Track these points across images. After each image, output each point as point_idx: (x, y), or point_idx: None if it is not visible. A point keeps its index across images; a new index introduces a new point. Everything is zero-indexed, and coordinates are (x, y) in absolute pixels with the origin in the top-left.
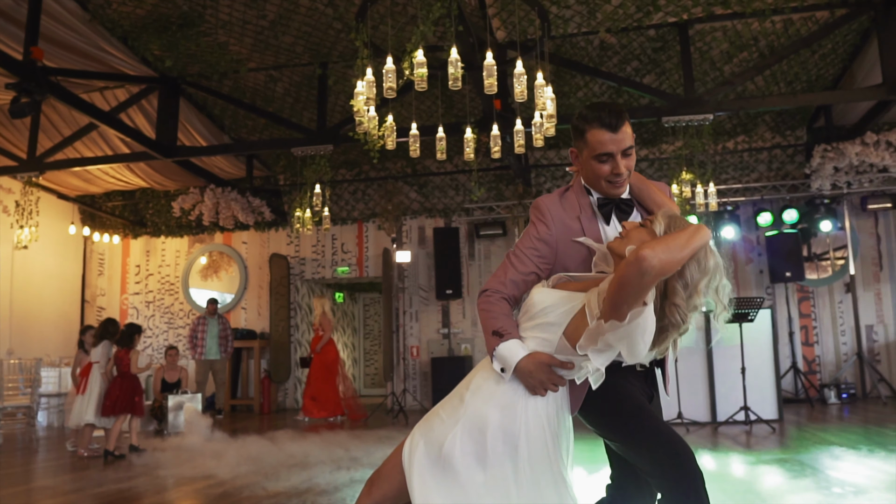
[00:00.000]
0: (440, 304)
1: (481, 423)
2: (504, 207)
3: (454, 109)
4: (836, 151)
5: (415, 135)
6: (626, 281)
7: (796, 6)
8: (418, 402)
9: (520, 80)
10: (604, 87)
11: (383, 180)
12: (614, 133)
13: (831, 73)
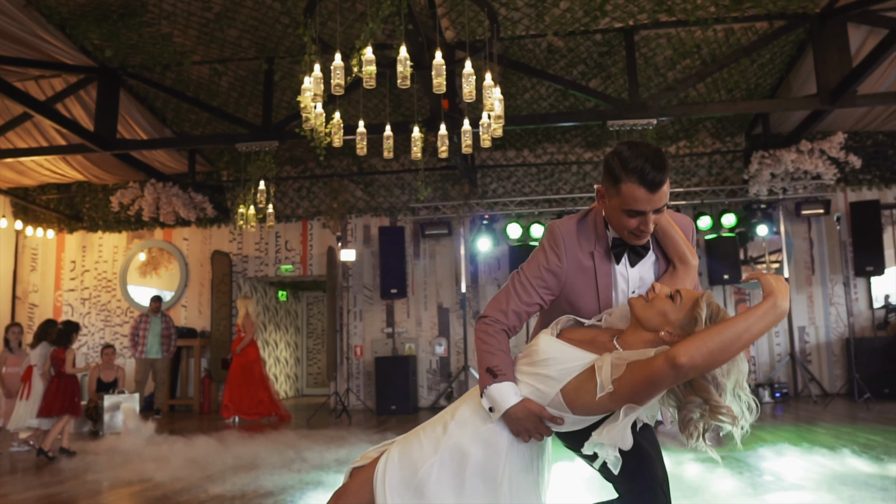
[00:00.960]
0: (385, 303)
1: (462, 456)
2: (450, 207)
3: (401, 108)
4: (773, 158)
5: (362, 132)
6: (658, 380)
7: (737, 16)
8: (361, 401)
9: (468, 80)
10: (550, 90)
11: (329, 178)
12: (653, 193)
13: (769, 82)
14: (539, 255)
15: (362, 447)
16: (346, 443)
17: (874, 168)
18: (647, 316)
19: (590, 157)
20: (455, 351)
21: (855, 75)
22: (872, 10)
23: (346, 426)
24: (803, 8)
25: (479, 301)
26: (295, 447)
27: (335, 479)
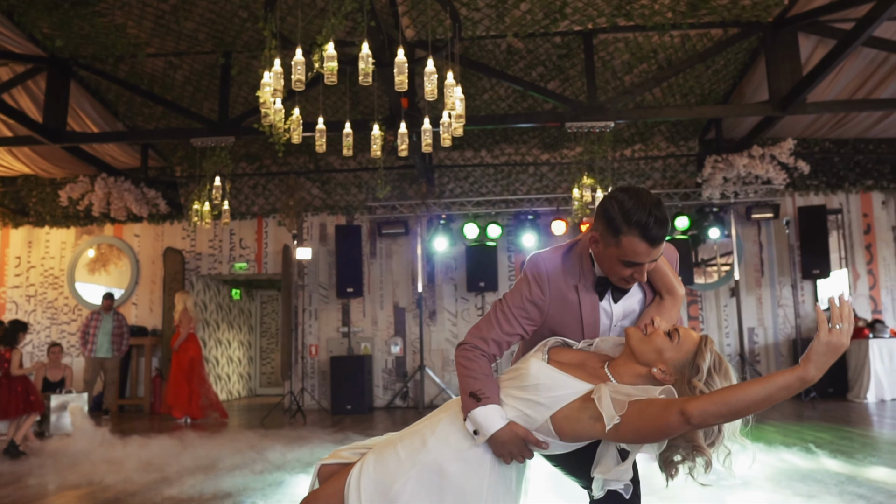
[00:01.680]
0: (340, 302)
1: (440, 474)
2: (407, 206)
3: (360, 106)
4: (726, 162)
5: (321, 129)
6: (668, 431)
7: (693, 23)
8: (316, 401)
9: (430, 78)
10: (509, 91)
11: (285, 175)
12: (653, 248)
13: (722, 88)
14: (522, 286)
15: (325, 447)
16: (308, 442)
17: (821, 174)
18: (642, 350)
19: (547, 159)
20: (411, 351)
21: (805, 83)
22: (822, 20)
23: (301, 426)
24: (756, 17)
25: (435, 301)
26: (255, 447)
27: (297, 479)
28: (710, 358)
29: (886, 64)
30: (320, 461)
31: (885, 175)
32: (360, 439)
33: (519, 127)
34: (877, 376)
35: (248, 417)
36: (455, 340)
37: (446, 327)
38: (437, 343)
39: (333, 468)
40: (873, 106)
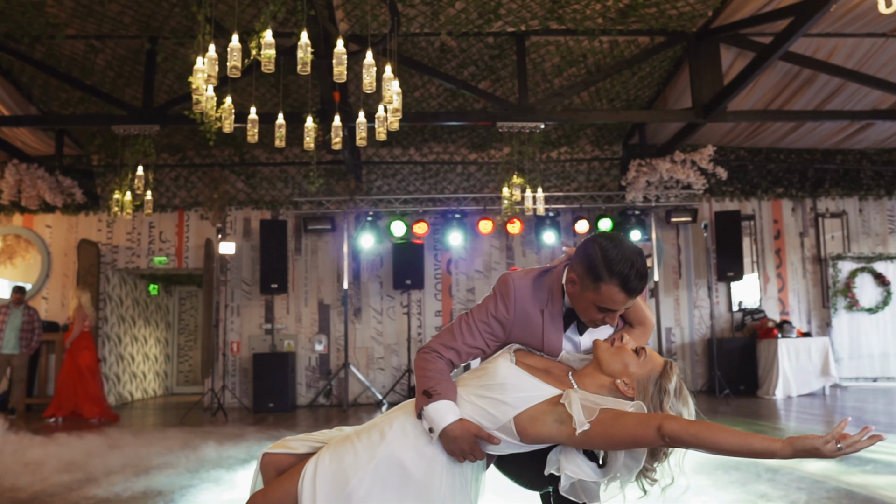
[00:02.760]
0: (264, 298)
1: (400, 469)
2: (334, 203)
3: (289, 99)
4: (649, 167)
5: (253, 119)
6: (641, 440)
7: (622, 29)
8: (237, 399)
9: (369, 71)
10: (440, 90)
11: (209, 168)
12: (631, 298)
13: (647, 94)
14: (489, 302)
15: (261, 445)
16: (243, 440)
17: (736, 181)
18: (609, 361)
19: (475, 159)
20: (335, 348)
21: (726, 92)
22: (742, 33)
23: (222, 424)
24: (682, 27)
25: (360, 298)
26: (188, 445)
27: (235, 476)
28: (675, 381)
29: (799, 78)
30: (264, 450)
31: (795, 184)
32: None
33: (448, 126)
34: (784, 374)
35: (165, 416)
36: (380, 338)
37: (371, 325)
38: (361, 341)
39: (278, 458)
40: (787, 117)
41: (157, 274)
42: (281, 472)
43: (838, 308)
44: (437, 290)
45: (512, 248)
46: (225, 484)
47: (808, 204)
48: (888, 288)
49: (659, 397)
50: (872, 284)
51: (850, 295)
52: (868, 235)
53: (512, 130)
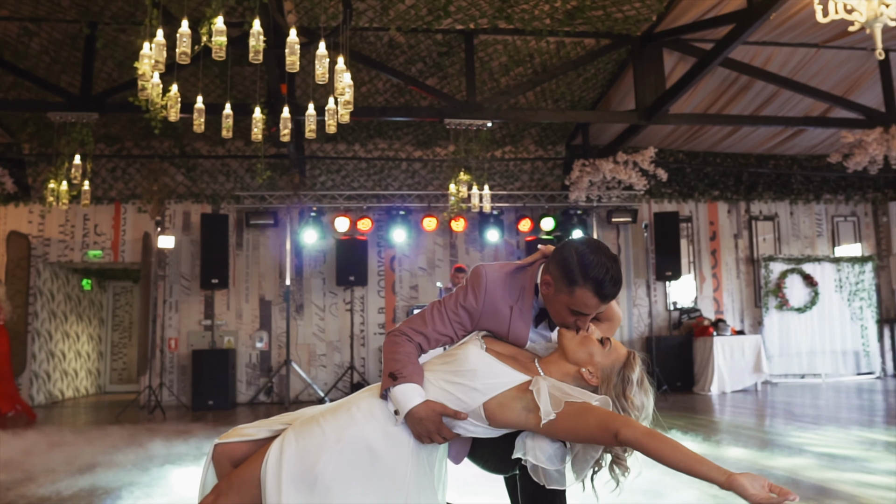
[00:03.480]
0: (203, 294)
1: (368, 451)
2: (277, 198)
3: (233, 91)
4: (593, 167)
5: (199, 109)
6: (598, 440)
7: (569, 31)
8: (175, 396)
9: (322, 62)
10: (387, 85)
11: (147, 159)
12: (604, 303)
13: (591, 96)
14: (459, 293)
15: (210, 441)
16: (192, 436)
17: (674, 183)
18: (574, 350)
19: (420, 156)
20: (277, 345)
21: (668, 95)
22: (683, 38)
23: (160, 422)
24: (627, 30)
25: (302, 295)
26: (134, 443)
27: (186, 471)
28: (638, 371)
29: (736, 84)
30: (216, 441)
31: (730, 187)
32: None
33: (394, 123)
34: (719, 371)
35: (100, 415)
36: (322, 335)
37: (313, 321)
38: (303, 337)
39: (231, 448)
40: (726, 121)
41: (91, 268)
42: (236, 463)
43: (769, 307)
44: (381, 286)
45: (456, 246)
46: (175, 480)
47: (742, 207)
48: (816, 289)
49: (622, 386)
50: (801, 285)
51: (781, 295)
52: (798, 238)
53: (459, 127)
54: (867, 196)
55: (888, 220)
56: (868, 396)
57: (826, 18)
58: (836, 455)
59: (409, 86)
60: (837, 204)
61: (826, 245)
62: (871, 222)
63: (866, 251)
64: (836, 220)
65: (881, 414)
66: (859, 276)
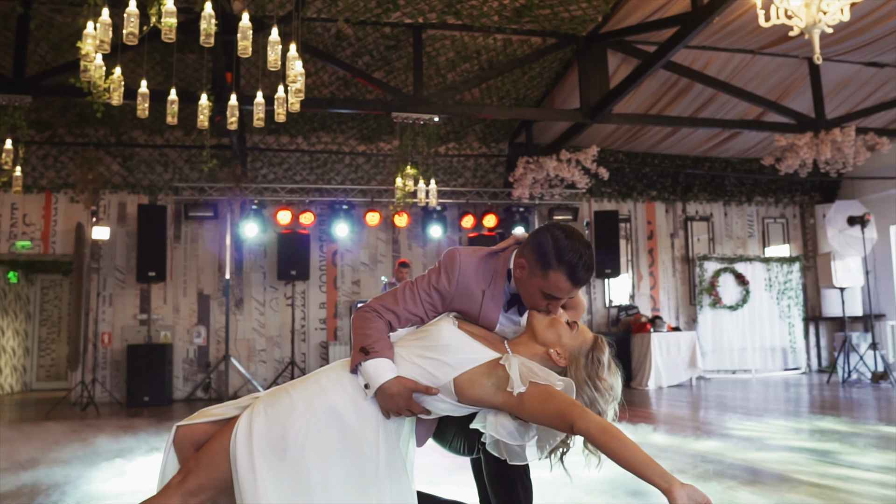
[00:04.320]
0: (139, 287)
1: (336, 417)
2: (217, 190)
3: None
4: (537, 164)
5: (144, 93)
6: (555, 426)
7: (517, 28)
8: (108, 393)
9: (274, 48)
10: (333, 77)
11: (81, 147)
12: (576, 288)
13: (536, 94)
14: (432, 274)
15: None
16: (140, 430)
17: (614, 183)
18: (543, 331)
19: (363, 150)
20: (215, 340)
21: (612, 95)
22: (627, 40)
23: (94, 418)
24: (573, 30)
25: (242, 289)
26: (78, 439)
27: (137, 464)
28: (607, 353)
29: (676, 86)
30: (178, 424)
31: (667, 188)
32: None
33: (338, 116)
34: (656, 366)
35: (28, 412)
36: (262, 330)
37: (253, 316)
38: (243, 332)
39: (194, 430)
40: (667, 122)
41: (19, 260)
42: (199, 446)
43: (703, 305)
44: (322, 281)
45: (398, 242)
46: (130, 473)
47: (678, 207)
48: (747, 287)
49: (594, 368)
50: (734, 284)
51: (714, 293)
52: (731, 238)
53: (406, 121)
54: (795, 199)
55: (814, 223)
56: (794, 390)
57: (768, 23)
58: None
59: (357, 78)
60: (768, 206)
61: (757, 245)
62: (799, 224)
63: (794, 252)
64: (766, 221)
65: (805, 405)
66: (787, 276)
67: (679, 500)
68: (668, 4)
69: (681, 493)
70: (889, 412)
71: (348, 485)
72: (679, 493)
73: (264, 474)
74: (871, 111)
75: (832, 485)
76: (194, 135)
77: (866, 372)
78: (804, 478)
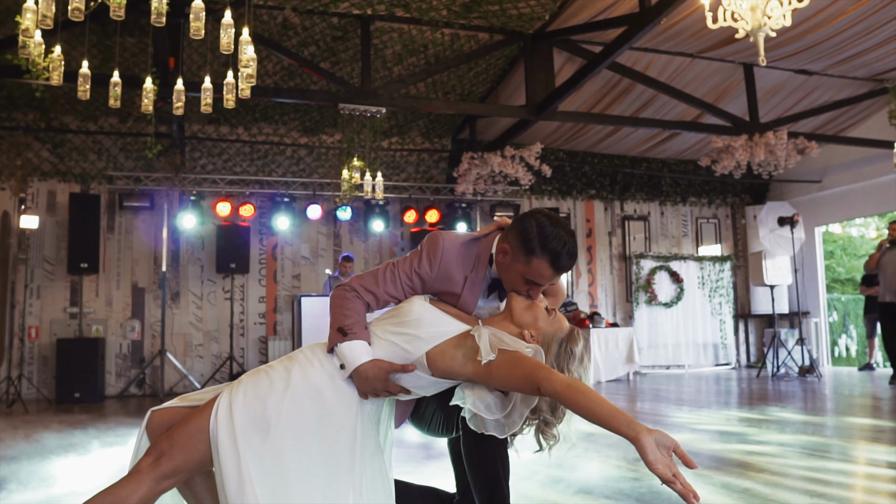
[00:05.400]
0: (70, 279)
1: (316, 394)
2: (154, 179)
3: (111, 63)
4: (481, 160)
5: (85, 74)
6: (524, 390)
7: (465, 23)
8: (36, 388)
9: (227, 31)
10: (277, 67)
11: (8, 132)
12: (557, 275)
13: (481, 90)
14: (413, 257)
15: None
16: (88, 426)
17: (554, 181)
18: (521, 312)
19: (306, 142)
20: (150, 334)
21: (559, 93)
22: (573, 39)
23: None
24: (520, 27)
25: (179, 282)
26: (20, 436)
27: (96, 458)
28: (581, 346)
29: (618, 87)
30: (153, 409)
31: (605, 186)
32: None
33: (280, 107)
34: (595, 361)
35: None
36: (199, 324)
37: (190, 310)
38: (179, 327)
39: (169, 414)
40: (610, 121)
41: None
42: None
43: (640, 302)
44: (262, 275)
45: (340, 236)
46: (92, 467)
47: (616, 206)
48: (681, 285)
49: (565, 357)
50: (668, 282)
51: (650, 291)
52: (666, 237)
53: (353, 113)
54: (727, 200)
55: (745, 223)
56: (725, 384)
57: (715, 25)
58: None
59: (304, 68)
60: (701, 207)
61: (691, 244)
62: (731, 224)
63: (725, 251)
64: (699, 221)
65: (735, 398)
66: (719, 275)
67: (647, 446)
68: (615, 5)
69: (648, 439)
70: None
71: (327, 464)
72: (647, 439)
73: (247, 455)
74: (801, 116)
75: (756, 462)
76: (130, 122)
77: (794, 366)
78: (737, 457)
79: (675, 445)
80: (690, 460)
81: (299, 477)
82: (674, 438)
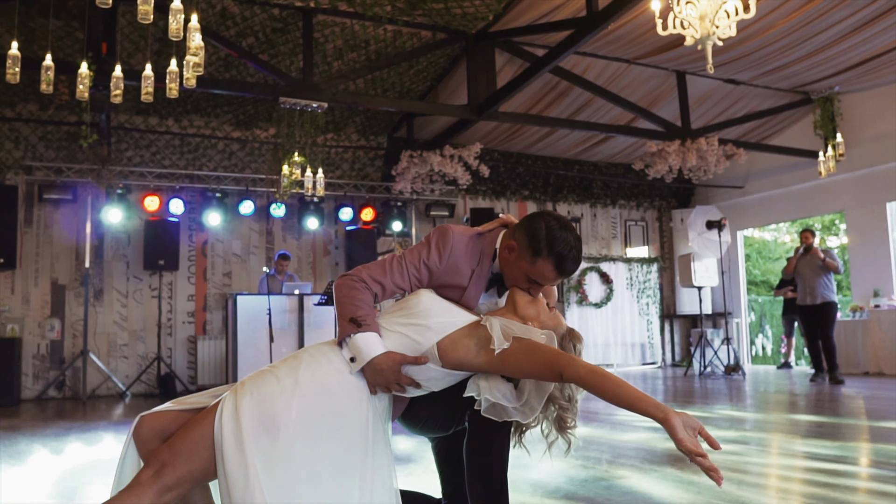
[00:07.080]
0: None
1: (325, 391)
2: (76, 172)
3: (34, 46)
4: (421, 159)
5: (15, 55)
6: (544, 377)
7: (408, 21)
8: None
9: (176, 17)
10: (214, 57)
11: None
12: (561, 278)
13: (420, 88)
14: (422, 248)
15: (60, 436)
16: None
17: (489, 181)
18: (524, 305)
19: (238, 136)
20: (71, 334)
21: (501, 94)
22: (515, 40)
23: None
24: (464, 27)
25: (103, 279)
26: None
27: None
28: (581, 344)
29: (556, 89)
30: (141, 414)
31: (539, 188)
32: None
33: (213, 99)
34: None
35: None
36: (124, 324)
37: (115, 308)
38: (102, 326)
39: (159, 419)
40: (551, 122)
41: None
42: (166, 437)
43: (571, 302)
44: (192, 272)
45: (273, 233)
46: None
47: (549, 207)
48: (611, 286)
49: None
50: (599, 282)
51: (581, 291)
52: (596, 239)
53: (294, 107)
54: (654, 204)
55: (672, 226)
56: (654, 382)
57: (665, 32)
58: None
59: (244, 59)
60: (630, 209)
61: (619, 246)
62: (658, 227)
63: (652, 253)
64: (628, 223)
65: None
66: (647, 276)
67: (677, 426)
68: (559, 8)
69: (676, 420)
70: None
71: (338, 462)
72: (675, 420)
73: (255, 459)
74: (728, 124)
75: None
76: (52, 109)
77: (720, 365)
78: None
79: (700, 427)
80: (715, 441)
81: (311, 477)
82: (698, 421)
